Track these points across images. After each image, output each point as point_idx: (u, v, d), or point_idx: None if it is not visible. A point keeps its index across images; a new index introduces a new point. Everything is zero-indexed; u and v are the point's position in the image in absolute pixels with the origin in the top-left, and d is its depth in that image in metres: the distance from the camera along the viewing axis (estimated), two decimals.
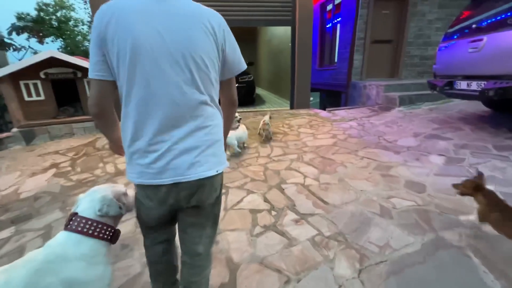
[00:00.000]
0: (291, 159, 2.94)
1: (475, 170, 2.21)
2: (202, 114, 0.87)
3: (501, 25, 2.68)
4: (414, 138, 3.23)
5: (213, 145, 0.90)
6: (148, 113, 0.80)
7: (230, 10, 4.76)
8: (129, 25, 0.74)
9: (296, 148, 3.28)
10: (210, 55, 0.84)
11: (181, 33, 0.79)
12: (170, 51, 0.78)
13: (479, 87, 2.83)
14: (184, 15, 0.80)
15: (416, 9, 5.95)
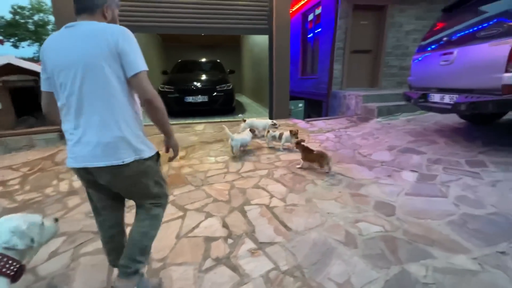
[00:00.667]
0: (260, 175, 2.76)
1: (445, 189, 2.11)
2: None
3: (470, 38, 2.65)
4: (389, 152, 3.14)
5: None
6: None
7: (205, 18, 4.63)
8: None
9: (268, 162, 3.12)
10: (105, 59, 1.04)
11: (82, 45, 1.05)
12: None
13: (452, 100, 2.78)
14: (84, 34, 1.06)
15: (394, 20, 6.02)
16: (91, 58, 1.02)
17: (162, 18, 4.50)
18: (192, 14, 4.57)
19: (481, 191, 2.08)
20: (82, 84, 1.03)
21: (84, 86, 1.03)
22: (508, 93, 2.23)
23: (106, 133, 1.06)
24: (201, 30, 4.73)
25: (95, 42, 1.02)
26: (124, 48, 1.04)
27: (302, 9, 7.69)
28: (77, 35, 1.05)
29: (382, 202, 2.06)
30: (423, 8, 6.02)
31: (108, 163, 1.07)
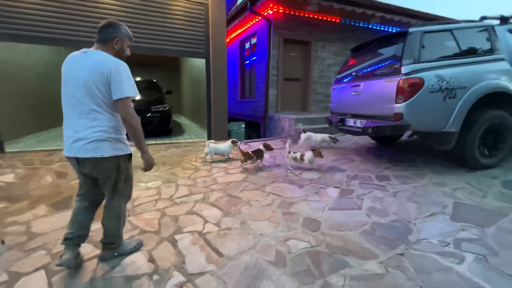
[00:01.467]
0: (195, 200, 2.66)
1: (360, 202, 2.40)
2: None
3: (371, 74, 3.24)
4: (316, 170, 3.45)
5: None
6: None
7: (141, 37, 4.46)
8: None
9: (204, 186, 3.04)
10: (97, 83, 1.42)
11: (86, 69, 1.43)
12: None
13: (361, 124, 3.28)
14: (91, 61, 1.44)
15: (318, 55, 6.94)
16: (90, 80, 1.41)
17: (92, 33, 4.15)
18: (134, 33, 4.36)
19: (386, 201, 2.45)
20: (81, 98, 1.43)
21: (82, 99, 1.43)
22: (398, 119, 2.77)
23: (88, 132, 1.45)
24: (135, 49, 4.51)
25: (95, 69, 1.41)
26: (114, 78, 1.42)
27: (240, 37, 8.18)
28: (87, 60, 1.44)
29: (309, 218, 2.22)
30: (339, 47, 7.14)
31: (90, 155, 1.47)
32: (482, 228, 1.94)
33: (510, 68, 2.91)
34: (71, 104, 1.46)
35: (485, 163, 2.92)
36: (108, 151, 1.50)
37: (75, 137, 1.46)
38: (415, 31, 2.84)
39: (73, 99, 1.45)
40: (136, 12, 4.42)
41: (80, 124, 1.45)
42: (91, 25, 4.16)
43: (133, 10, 4.39)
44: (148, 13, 4.48)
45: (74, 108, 1.46)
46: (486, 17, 3.23)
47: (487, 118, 2.79)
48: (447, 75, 2.72)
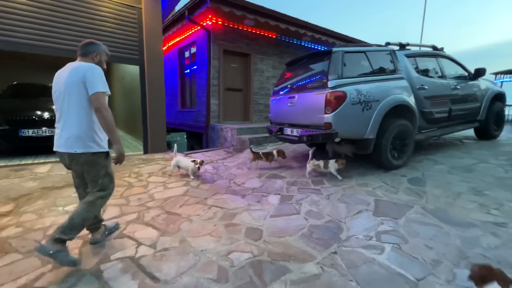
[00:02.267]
0: (127, 221, 2.38)
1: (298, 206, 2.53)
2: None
3: (303, 88, 3.53)
4: (258, 179, 3.52)
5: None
6: None
7: (64, 39, 3.90)
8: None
9: (139, 204, 2.76)
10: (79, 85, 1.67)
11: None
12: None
13: (297, 133, 3.52)
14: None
15: (257, 67, 7.24)
16: (69, 85, 1.66)
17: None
18: (41, 30, 3.75)
19: (321, 204, 2.64)
20: (64, 100, 1.68)
21: (65, 101, 1.68)
22: (328, 128, 3.06)
23: (69, 131, 1.68)
24: (56, 51, 3.90)
25: (74, 75, 1.65)
26: (88, 77, 1.64)
27: (179, 45, 7.93)
28: (68, 69, 1.70)
29: (251, 228, 2.22)
30: (277, 60, 7.61)
31: (66, 150, 1.70)
32: (395, 220, 2.26)
33: (408, 85, 3.56)
34: (58, 107, 1.74)
35: (395, 164, 3.46)
36: (83, 147, 1.70)
37: (59, 134, 1.73)
38: (338, 51, 3.23)
39: (59, 103, 1.73)
40: (56, 10, 3.84)
41: (64, 123, 1.71)
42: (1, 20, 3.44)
43: (52, 7, 3.81)
44: (71, 13, 3.94)
45: (60, 111, 1.73)
46: (390, 43, 3.92)
47: (395, 126, 3.33)
48: (364, 89, 3.15)
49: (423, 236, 2.00)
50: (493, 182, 2.95)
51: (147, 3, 4.48)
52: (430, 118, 3.87)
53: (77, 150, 1.69)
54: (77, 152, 1.69)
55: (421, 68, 3.88)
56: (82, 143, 1.70)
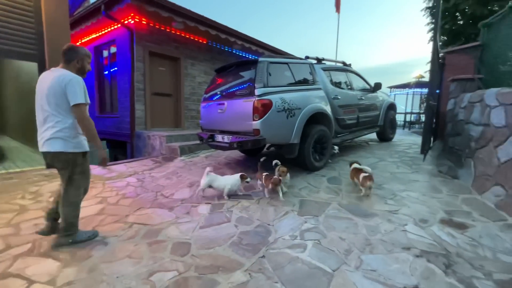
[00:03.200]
0: (16, 254, 1.90)
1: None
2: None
3: (234, 94, 3.56)
4: (189, 188, 3.35)
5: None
6: None
7: None
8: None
9: (34, 231, 2.24)
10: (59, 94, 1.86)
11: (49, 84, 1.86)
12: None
13: (228, 140, 3.51)
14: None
15: (188, 72, 7.00)
16: (50, 91, 1.85)
17: None
18: None
19: (251, 210, 2.68)
20: (44, 105, 1.88)
21: (45, 106, 1.88)
22: (256, 134, 3.16)
23: (49, 133, 1.89)
24: None
25: (56, 83, 1.85)
26: (68, 89, 1.85)
27: (95, 42, 6.99)
28: (50, 76, 1.89)
29: (178, 243, 2.07)
30: (208, 66, 7.53)
31: (46, 150, 1.92)
32: (316, 218, 2.47)
33: (325, 95, 4.02)
34: (39, 110, 1.93)
35: (317, 166, 3.82)
36: (62, 147, 1.91)
37: (41, 136, 1.93)
38: (263, 61, 3.39)
39: (40, 107, 1.92)
40: None
41: (44, 126, 1.90)
42: None
43: None
44: None
45: (41, 114, 1.92)
46: (308, 57, 4.36)
47: (315, 132, 3.69)
48: (288, 98, 3.39)
49: (338, 229, 2.25)
50: (389, 177, 3.58)
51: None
52: (343, 124, 4.45)
53: (58, 149, 1.91)
54: (57, 151, 1.91)
55: (334, 80, 4.44)
56: (64, 143, 1.92)
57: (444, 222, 2.34)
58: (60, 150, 1.90)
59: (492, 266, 1.75)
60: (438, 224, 2.31)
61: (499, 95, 2.83)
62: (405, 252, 1.90)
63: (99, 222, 2.44)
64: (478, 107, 3.25)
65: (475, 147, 3.19)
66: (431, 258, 1.82)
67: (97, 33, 6.76)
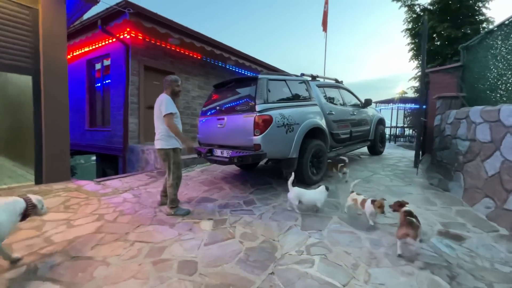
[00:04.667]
0: (8, 278, 1.79)
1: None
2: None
3: (232, 110, 3.62)
4: (188, 204, 3.31)
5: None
6: None
7: None
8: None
9: (29, 252, 2.13)
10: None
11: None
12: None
13: (228, 154, 3.53)
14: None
15: (182, 86, 7.01)
16: (156, 108, 3.00)
17: None
18: None
19: (255, 225, 2.68)
20: (155, 117, 3.04)
21: (155, 117, 3.04)
22: (257, 149, 3.21)
23: (156, 136, 3.04)
24: None
25: (157, 103, 2.98)
26: (161, 106, 2.90)
27: (88, 55, 6.94)
28: (158, 98, 3.00)
29: (184, 261, 2.03)
30: (202, 81, 7.62)
31: (155, 147, 3.08)
32: (320, 232, 2.50)
33: (320, 111, 4.16)
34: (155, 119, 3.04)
35: (314, 179, 3.89)
36: (161, 145, 2.98)
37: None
38: (263, 78, 3.50)
39: (155, 117, 3.03)
40: None
41: (155, 131, 3.05)
42: None
43: None
44: None
45: (156, 121, 3.03)
46: (304, 74, 4.53)
47: (313, 146, 3.79)
48: (286, 113, 3.49)
49: (343, 244, 2.28)
50: (385, 190, 3.69)
51: (47, 5, 3.78)
52: (337, 138, 4.59)
53: (158, 146, 3.01)
54: (158, 148, 3.01)
55: (328, 96, 4.62)
56: (162, 142, 2.98)
57: (442, 234, 2.43)
58: (160, 147, 2.95)
59: (492, 276, 1.83)
60: (437, 236, 2.40)
61: (483, 112, 3.04)
62: (409, 265, 1.95)
63: (98, 240, 2.35)
64: (464, 123, 3.47)
65: (463, 161, 3.37)
66: (435, 270, 1.88)
67: (91, 46, 6.73)
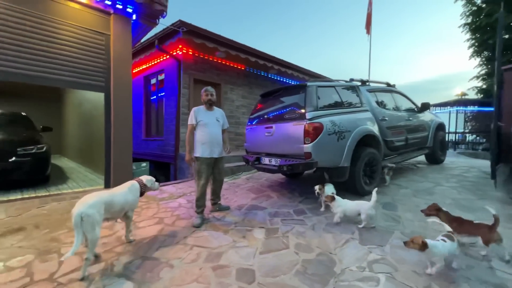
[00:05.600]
0: (93, 273, 2.01)
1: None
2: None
3: (281, 118, 3.63)
4: (239, 211, 3.37)
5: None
6: None
7: (22, 62, 3.53)
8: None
9: (105, 250, 2.38)
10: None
11: None
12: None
13: (277, 163, 3.53)
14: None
15: (227, 96, 7.34)
16: None
17: None
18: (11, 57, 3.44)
19: (308, 235, 2.60)
20: None
21: None
22: (308, 157, 3.14)
23: None
24: (3, 75, 3.43)
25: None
26: None
27: (145, 72, 7.71)
28: None
29: (242, 269, 2.05)
30: (246, 90, 7.84)
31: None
32: (381, 248, 2.31)
33: (372, 117, 3.92)
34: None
35: (367, 190, 3.64)
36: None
37: None
38: (312, 85, 3.45)
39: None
40: (5, 30, 3.46)
41: None
42: None
43: (17, 33, 3.48)
44: (25, 34, 3.58)
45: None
46: (353, 79, 4.35)
47: (366, 154, 3.58)
48: (337, 120, 3.37)
49: (410, 262, 2.07)
50: (452, 203, 3.28)
51: (117, 31, 4.33)
52: (391, 146, 4.26)
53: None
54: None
55: (380, 101, 4.34)
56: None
57: None
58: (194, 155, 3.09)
59: None
60: None
61: None
62: None
63: (161, 243, 2.52)
64: None
65: None
66: None
67: (147, 64, 7.48)
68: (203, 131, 3.06)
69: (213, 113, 3.22)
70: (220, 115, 3.33)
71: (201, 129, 3.07)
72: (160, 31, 5.80)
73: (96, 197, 2.12)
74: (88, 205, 1.99)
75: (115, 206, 2.26)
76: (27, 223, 2.95)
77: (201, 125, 3.06)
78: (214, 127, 3.15)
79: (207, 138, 3.06)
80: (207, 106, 3.18)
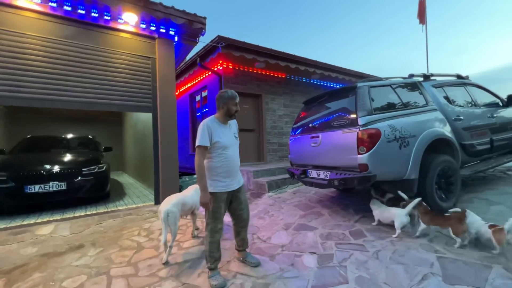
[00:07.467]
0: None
1: None
2: None
3: (328, 126, 3.24)
4: (285, 231, 3.05)
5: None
6: None
7: (83, 92, 3.94)
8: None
9: (149, 273, 2.31)
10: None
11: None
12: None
13: (326, 176, 3.13)
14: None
15: (269, 106, 7.17)
16: None
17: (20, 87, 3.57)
18: (65, 87, 3.85)
19: (371, 266, 2.14)
20: None
21: None
22: (363, 170, 2.68)
23: None
24: (68, 104, 3.87)
25: None
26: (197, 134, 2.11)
27: (190, 90, 8.09)
28: None
29: None
30: (288, 99, 7.57)
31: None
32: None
33: (443, 117, 3.25)
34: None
35: (444, 206, 2.96)
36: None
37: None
38: (363, 86, 3.01)
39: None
40: (70, 64, 3.91)
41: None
42: (14, 77, 3.54)
43: (67, 62, 3.89)
44: (85, 66, 4.01)
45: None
46: (413, 75, 3.72)
47: (438, 163, 2.93)
48: (397, 124, 2.84)
49: None
50: None
51: (161, 53, 4.56)
52: (471, 150, 3.46)
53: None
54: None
55: (451, 98, 3.60)
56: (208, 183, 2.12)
57: None
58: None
59: None
60: None
61: None
62: None
63: (203, 268, 2.35)
64: None
65: None
66: None
67: (192, 82, 7.83)
68: (222, 156, 2.12)
69: (229, 129, 2.27)
70: (236, 128, 2.41)
71: (218, 152, 2.11)
72: (201, 48, 6.00)
73: (176, 198, 2.69)
74: (171, 204, 2.56)
75: (187, 205, 2.85)
76: (86, 240, 3.13)
77: (217, 147, 2.09)
78: (234, 149, 2.23)
79: (227, 167, 2.13)
80: (226, 118, 2.22)
